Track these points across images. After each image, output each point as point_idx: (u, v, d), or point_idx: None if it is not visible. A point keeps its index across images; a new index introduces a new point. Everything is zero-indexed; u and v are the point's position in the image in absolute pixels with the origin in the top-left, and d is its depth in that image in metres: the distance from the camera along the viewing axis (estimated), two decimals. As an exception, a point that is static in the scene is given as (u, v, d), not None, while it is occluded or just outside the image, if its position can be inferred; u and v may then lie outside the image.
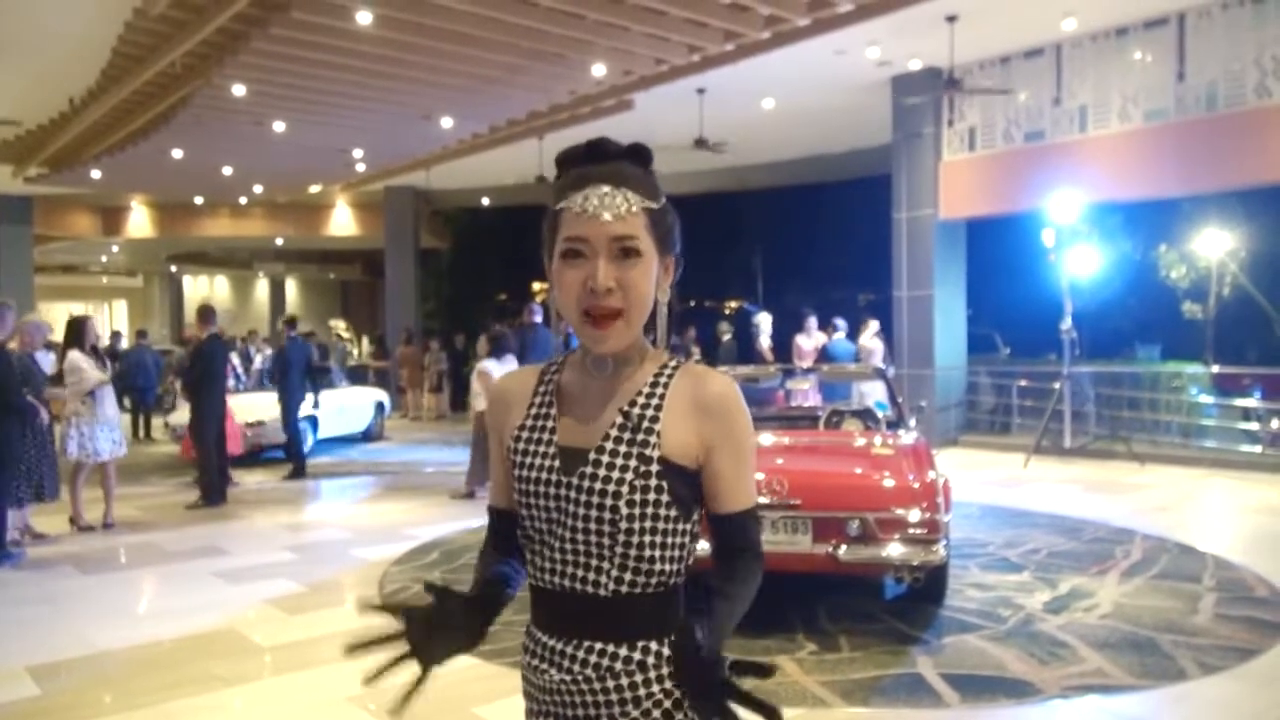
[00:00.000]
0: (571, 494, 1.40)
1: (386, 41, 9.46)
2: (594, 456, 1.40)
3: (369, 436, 14.26)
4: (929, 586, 5.28)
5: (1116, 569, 6.21)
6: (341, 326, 26.93)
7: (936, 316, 12.59)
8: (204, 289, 33.76)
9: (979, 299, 15.56)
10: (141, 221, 23.00)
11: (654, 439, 1.39)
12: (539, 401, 1.51)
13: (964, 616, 5.21)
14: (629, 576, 1.39)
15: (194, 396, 9.24)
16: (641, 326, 1.44)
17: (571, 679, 1.41)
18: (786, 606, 5.27)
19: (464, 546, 7.11)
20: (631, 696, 1.39)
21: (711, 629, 1.35)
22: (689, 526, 1.43)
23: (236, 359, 16.31)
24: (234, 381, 15.50)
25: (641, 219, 1.40)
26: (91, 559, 6.95)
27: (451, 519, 8.18)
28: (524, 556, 1.50)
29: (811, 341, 12.39)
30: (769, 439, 5.86)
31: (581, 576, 1.41)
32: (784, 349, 13.42)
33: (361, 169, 16.79)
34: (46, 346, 8.15)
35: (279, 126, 12.88)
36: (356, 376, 17.94)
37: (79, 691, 4.37)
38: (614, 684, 1.39)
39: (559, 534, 1.42)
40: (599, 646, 1.40)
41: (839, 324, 12.32)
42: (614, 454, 1.39)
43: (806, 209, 29.19)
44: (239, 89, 10.81)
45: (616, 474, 1.38)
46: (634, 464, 1.38)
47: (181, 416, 11.08)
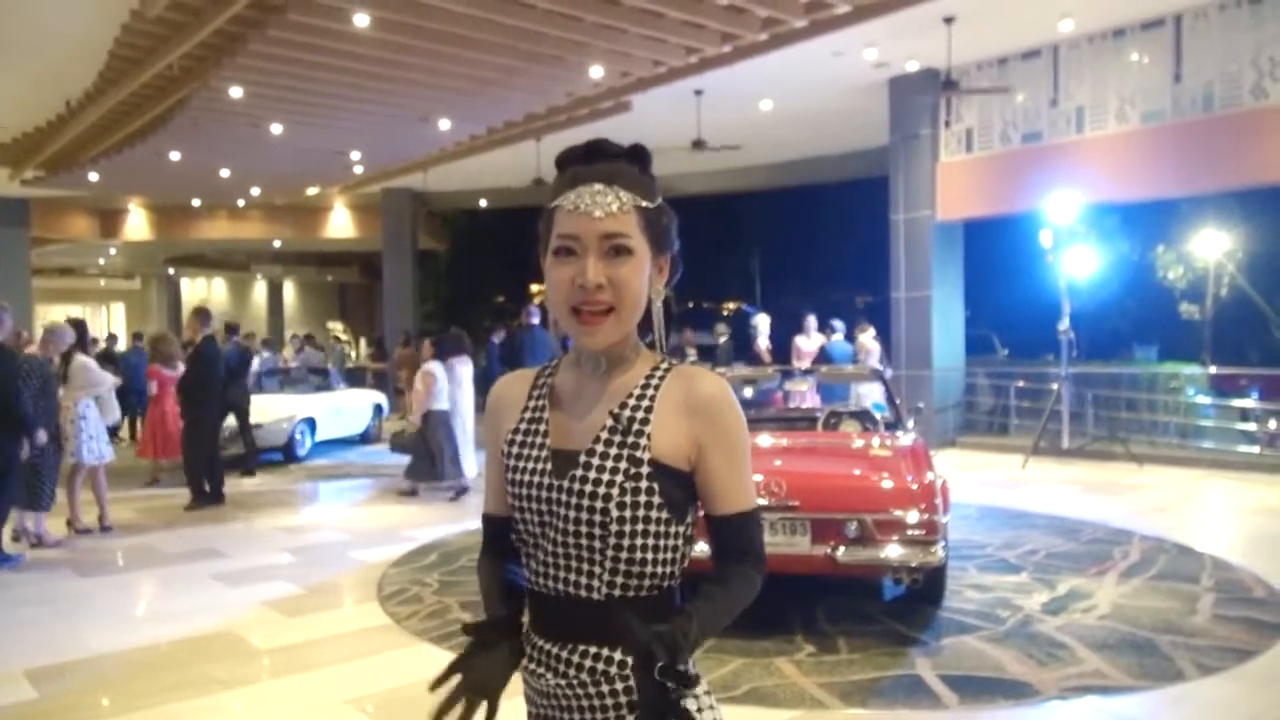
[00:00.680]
0: (562, 496, 1.40)
1: (383, 44, 9.46)
2: (584, 459, 1.40)
3: (367, 439, 14.25)
4: (927, 588, 5.28)
5: (1115, 570, 6.21)
6: (339, 328, 26.94)
7: (934, 318, 12.60)
8: (202, 291, 33.72)
9: (977, 300, 15.57)
10: (139, 224, 22.98)
11: (644, 441, 1.39)
12: (533, 405, 1.51)
13: (962, 618, 5.21)
14: (621, 580, 1.39)
15: (188, 399, 9.15)
16: (633, 324, 1.43)
17: (567, 683, 1.40)
18: (785, 608, 5.27)
19: (462, 548, 7.10)
20: (626, 701, 1.38)
21: (684, 631, 1.30)
22: (682, 529, 1.43)
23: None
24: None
25: (634, 217, 1.40)
26: (89, 562, 6.94)
27: (450, 521, 8.17)
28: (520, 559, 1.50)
29: (811, 343, 12.39)
30: (767, 440, 5.86)
31: (574, 580, 1.41)
32: (782, 350, 13.43)
33: (359, 171, 16.79)
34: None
35: (276, 129, 12.88)
36: (354, 379, 17.93)
37: (77, 694, 4.36)
38: (608, 688, 1.39)
39: (551, 537, 1.42)
40: (593, 650, 1.40)
41: (836, 325, 12.32)
42: (604, 456, 1.39)
43: (804, 210, 29.23)
44: (236, 91, 10.80)
45: (606, 476, 1.38)
46: (624, 466, 1.38)
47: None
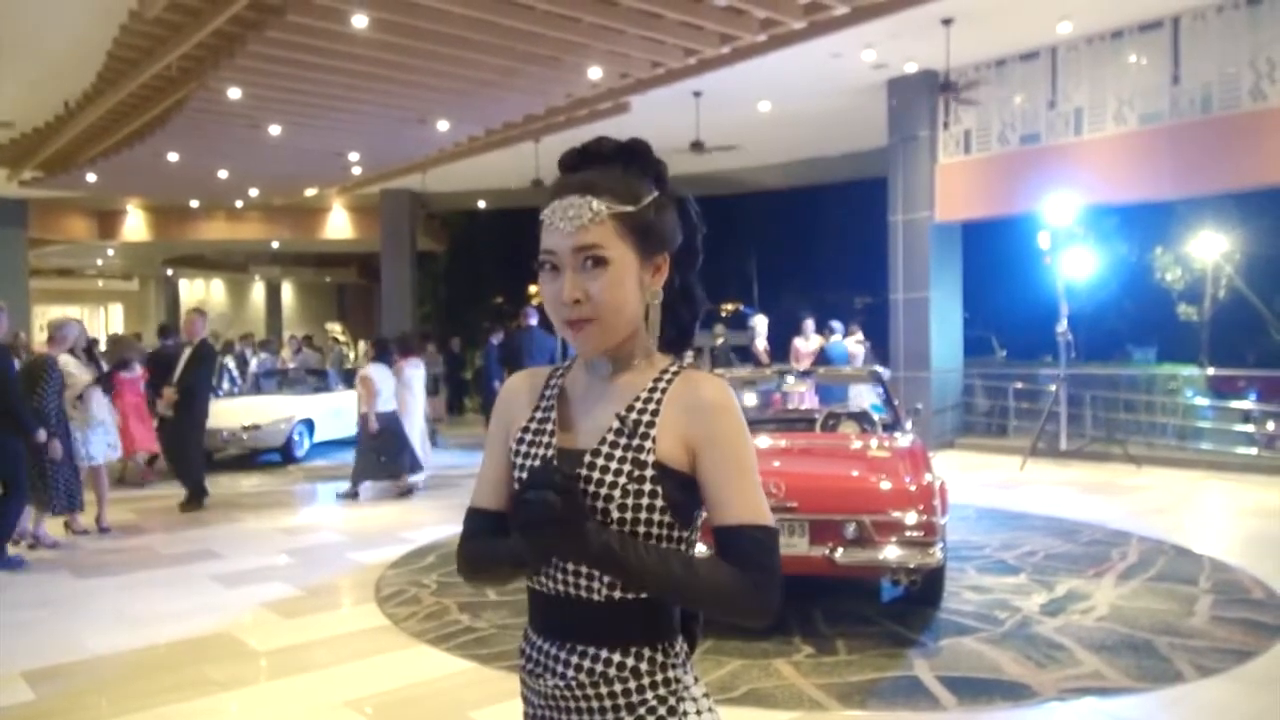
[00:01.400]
0: None
1: (382, 45, 9.46)
2: (589, 459, 1.40)
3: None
4: (926, 589, 5.28)
5: (1113, 571, 6.21)
6: (338, 330, 26.91)
7: (932, 319, 12.61)
8: (200, 292, 33.70)
9: (975, 302, 15.57)
10: (137, 225, 22.96)
11: (649, 443, 1.39)
12: (544, 404, 1.52)
13: (961, 619, 5.21)
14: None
15: (188, 399, 9.09)
16: (622, 331, 1.42)
17: (566, 684, 1.40)
18: (784, 609, 5.23)
19: (460, 550, 7.09)
20: (625, 703, 1.38)
21: (636, 545, 1.33)
22: (686, 534, 1.42)
23: (232, 362, 16.32)
24: (230, 384, 15.52)
25: (610, 226, 1.38)
26: (87, 563, 6.93)
27: (448, 522, 8.16)
28: None
29: (809, 344, 12.39)
30: (765, 441, 5.86)
31: (575, 581, 1.40)
32: (781, 351, 13.43)
33: (357, 172, 16.79)
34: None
35: (275, 130, 12.88)
36: (353, 380, 17.88)
37: (74, 696, 4.35)
38: (608, 690, 1.38)
39: None
40: (593, 651, 1.39)
41: (835, 326, 12.31)
42: (609, 457, 1.39)
43: (802, 211, 29.25)
44: (234, 92, 10.80)
45: (610, 478, 1.38)
46: (628, 468, 1.38)
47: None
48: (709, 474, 1.39)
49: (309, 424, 12.51)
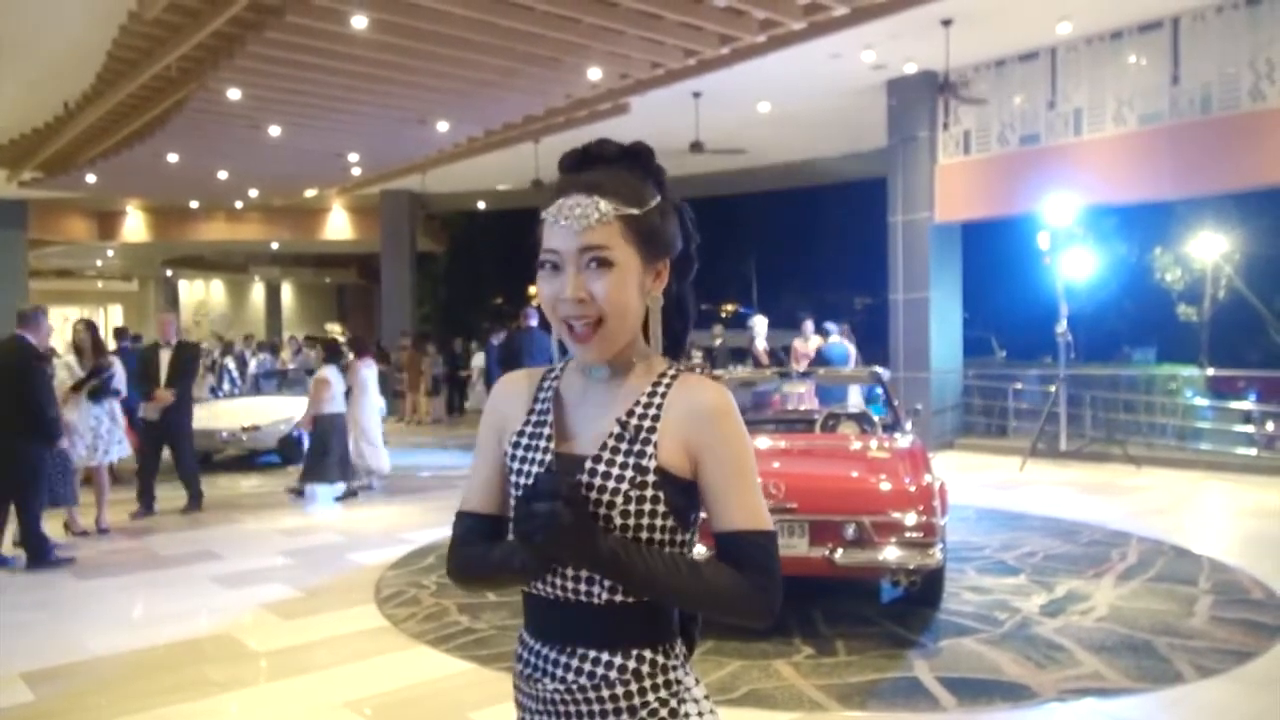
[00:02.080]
0: None
1: (381, 45, 9.47)
2: (590, 465, 1.39)
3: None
4: (925, 590, 5.28)
5: (1113, 572, 6.21)
6: (337, 331, 26.92)
7: (932, 319, 12.61)
8: (199, 293, 33.72)
9: (975, 302, 15.58)
10: (137, 226, 22.97)
11: (650, 449, 1.38)
12: (539, 408, 1.50)
13: (960, 620, 5.21)
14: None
15: (178, 402, 9.01)
16: (626, 334, 1.41)
17: (565, 688, 1.40)
18: (783, 610, 5.23)
19: (460, 551, 7.08)
20: (626, 706, 1.38)
21: (640, 551, 1.33)
22: (686, 537, 1.42)
23: (231, 363, 16.33)
24: (229, 385, 15.53)
25: (616, 227, 1.37)
26: (86, 564, 6.92)
27: (447, 523, 8.12)
28: None
29: (808, 345, 12.38)
30: (765, 442, 5.86)
31: (575, 585, 1.40)
32: (779, 352, 13.43)
33: (357, 173, 16.80)
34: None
35: (274, 130, 12.88)
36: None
37: (74, 697, 4.35)
38: (609, 693, 1.38)
39: None
40: (593, 655, 1.39)
41: (830, 328, 12.28)
42: (610, 463, 1.38)
43: (802, 212, 29.27)
44: (234, 93, 10.80)
45: (612, 483, 1.37)
46: (630, 474, 1.37)
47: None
48: (710, 479, 1.39)
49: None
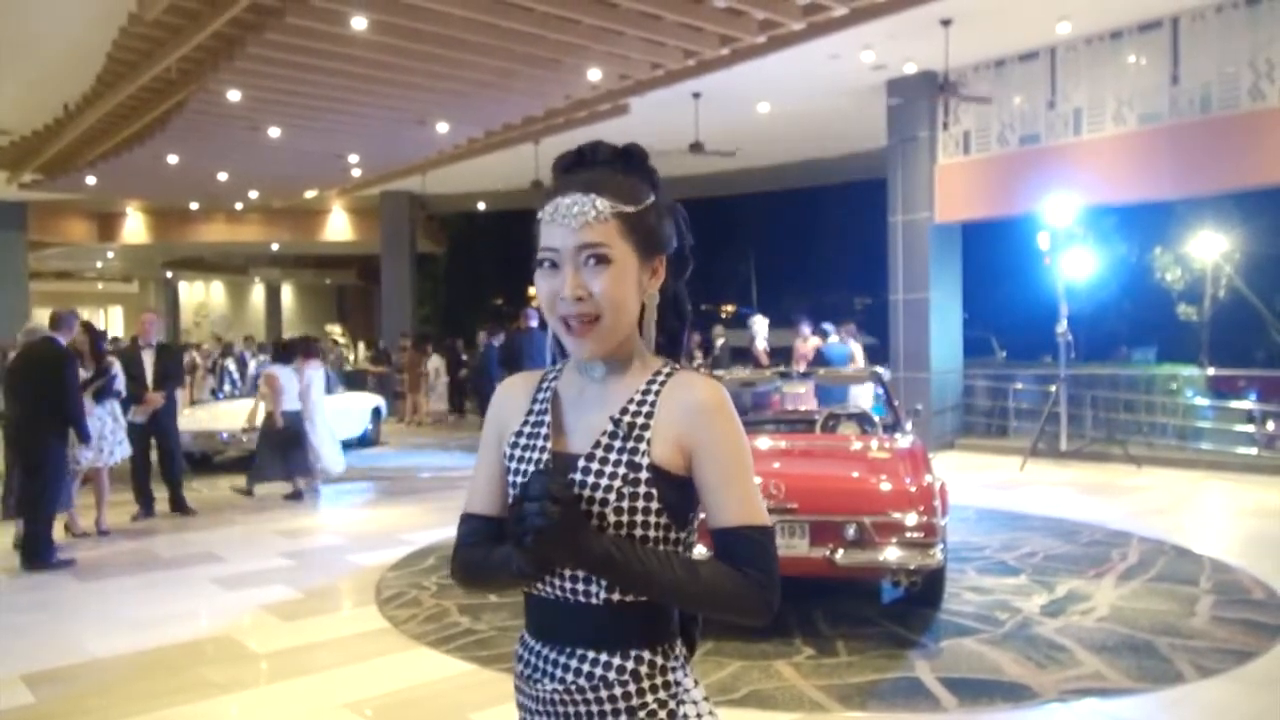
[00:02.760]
0: None
1: (381, 47, 9.47)
2: (583, 463, 1.40)
3: (366, 442, 14.23)
4: (926, 590, 5.28)
5: (1113, 572, 6.21)
6: (337, 331, 26.92)
7: (932, 320, 12.60)
8: (200, 294, 33.74)
9: (975, 302, 15.57)
10: (137, 227, 22.98)
11: (644, 446, 1.38)
12: (537, 408, 1.51)
13: (961, 620, 5.21)
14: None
15: (170, 402, 8.97)
16: (624, 331, 1.43)
17: (564, 688, 1.40)
18: (784, 610, 5.22)
19: (460, 552, 7.08)
20: (625, 707, 1.38)
21: (636, 549, 1.33)
22: (683, 535, 1.42)
23: (232, 364, 16.33)
24: (230, 386, 15.52)
25: (613, 225, 1.38)
26: (87, 565, 6.91)
27: (448, 524, 8.14)
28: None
29: (807, 345, 12.35)
30: (765, 443, 5.86)
31: (573, 585, 1.40)
32: (779, 352, 13.42)
33: (357, 174, 16.81)
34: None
35: (274, 132, 12.89)
36: (354, 382, 17.90)
37: (74, 699, 4.34)
38: (607, 694, 1.38)
39: None
40: (591, 655, 1.39)
41: (828, 329, 12.25)
42: (604, 461, 1.39)
43: (802, 212, 29.28)
44: (234, 94, 10.81)
45: (605, 481, 1.37)
46: (623, 471, 1.37)
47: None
48: (706, 476, 1.39)
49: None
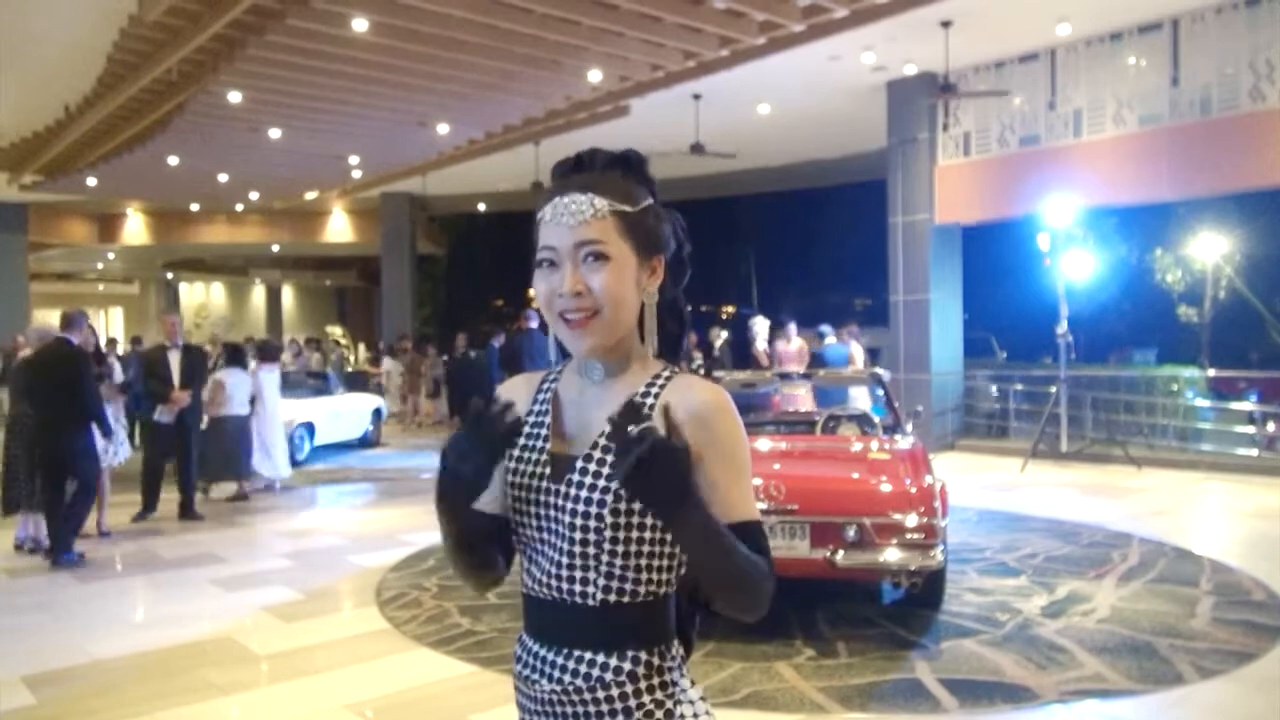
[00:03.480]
0: (558, 501, 1.41)
1: (382, 48, 9.47)
2: (580, 464, 1.40)
3: (366, 443, 14.24)
4: (926, 591, 5.27)
5: (1114, 573, 6.21)
6: (338, 333, 26.94)
7: (933, 321, 12.61)
8: (200, 296, 33.73)
9: (975, 303, 15.56)
10: (137, 228, 22.99)
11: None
12: (536, 409, 1.51)
13: (962, 621, 5.21)
14: (616, 585, 1.39)
15: (194, 403, 9.03)
16: (623, 328, 1.43)
17: (562, 689, 1.40)
18: (784, 611, 5.25)
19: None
20: (622, 708, 1.38)
21: (705, 507, 1.30)
22: None
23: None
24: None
25: (611, 223, 1.40)
26: (87, 567, 6.92)
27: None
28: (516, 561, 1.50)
29: (791, 346, 12.29)
30: (766, 444, 5.86)
31: (570, 586, 1.40)
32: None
33: (358, 175, 16.81)
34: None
35: (275, 133, 12.90)
36: (354, 383, 17.91)
37: (75, 700, 4.35)
38: (604, 694, 1.38)
39: (549, 540, 1.42)
40: (589, 656, 1.40)
41: (825, 330, 12.23)
42: (601, 462, 1.39)
43: (802, 213, 29.25)
44: (235, 96, 10.81)
45: (602, 482, 1.38)
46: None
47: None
48: (709, 477, 1.39)
49: (309, 427, 12.50)
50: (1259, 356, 19.93)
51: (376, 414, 14.64)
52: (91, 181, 15.97)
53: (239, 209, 21.89)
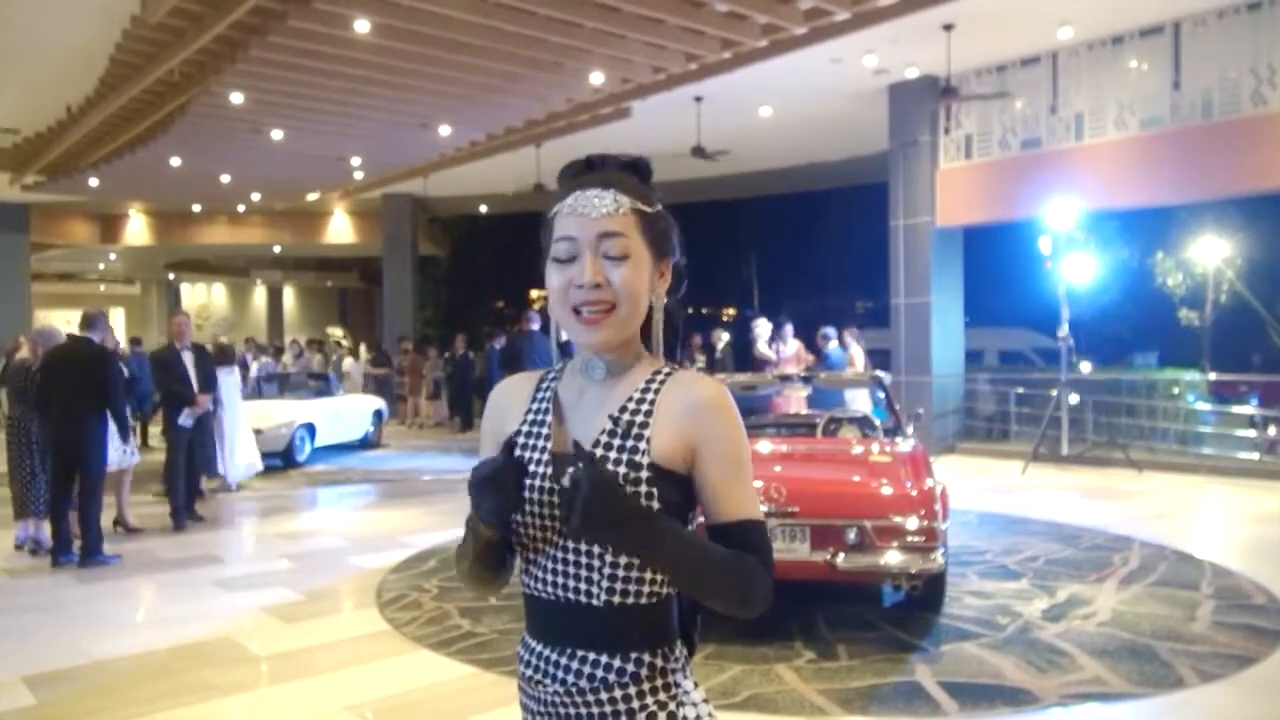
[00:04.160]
0: (559, 501, 1.40)
1: (384, 50, 9.48)
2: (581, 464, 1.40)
3: (367, 444, 14.25)
4: (927, 594, 5.28)
5: (1114, 576, 6.21)
6: (339, 334, 26.92)
7: (934, 324, 12.61)
8: (201, 296, 33.74)
9: (976, 307, 15.56)
10: (139, 229, 23.01)
11: (644, 444, 1.39)
12: (535, 408, 1.52)
13: (962, 624, 5.20)
14: (619, 586, 1.39)
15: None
16: (634, 325, 1.44)
17: (565, 690, 1.40)
18: (785, 614, 5.25)
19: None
20: (625, 709, 1.38)
21: (664, 525, 1.33)
22: None
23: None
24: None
25: (632, 219, 1.41)
26: (88, 567, 6.92)
27: (449, 527, 8.15)
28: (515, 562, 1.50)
29: (788, 348, 12.26)
30: (766, 446, 5.86)
31: (573, 586, 1.41)
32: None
33: (359, 176, 16.82)
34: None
35: (277, 134, 12.90)
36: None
37: (75, 701, 4.34)
38: (607, 695, 1.38)
39: (552, 540, 1.42)
40: (592, 657, 1.40)
41: (829, 333, 12.20)
42: (603, 459, 1.39)
43: (804, 216, 29.28)
44: (237, 97, 10.82)
45: None
46: (623, 470, 1.38)
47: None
48: (710, 473, 1.40)
49: (310, 428, 12.51)
50: (1260, 360, 19.92)
51: (377, 415, 14.65)
52: (93, 182, 15.98)
53: (240, 210, 21.90)
